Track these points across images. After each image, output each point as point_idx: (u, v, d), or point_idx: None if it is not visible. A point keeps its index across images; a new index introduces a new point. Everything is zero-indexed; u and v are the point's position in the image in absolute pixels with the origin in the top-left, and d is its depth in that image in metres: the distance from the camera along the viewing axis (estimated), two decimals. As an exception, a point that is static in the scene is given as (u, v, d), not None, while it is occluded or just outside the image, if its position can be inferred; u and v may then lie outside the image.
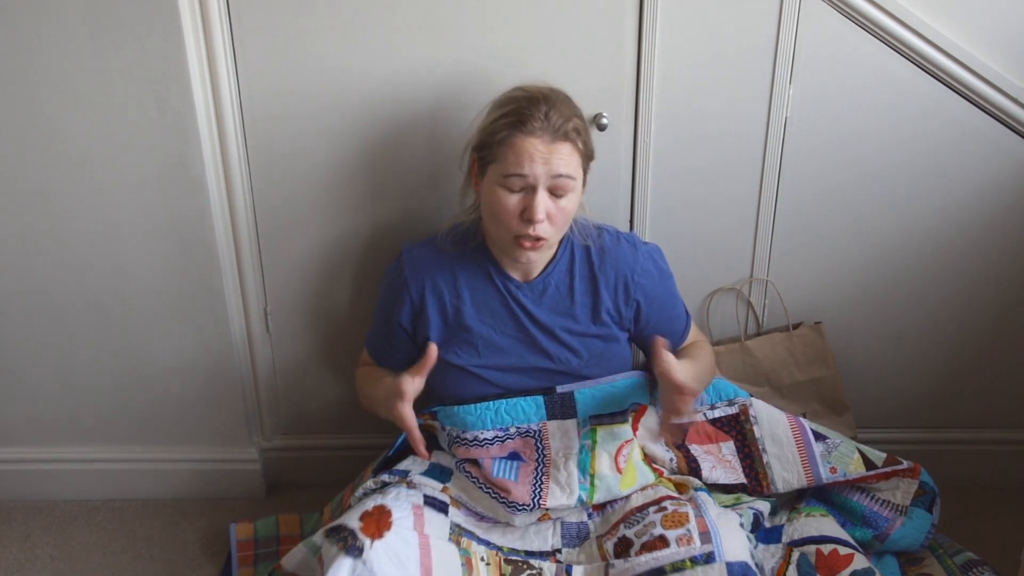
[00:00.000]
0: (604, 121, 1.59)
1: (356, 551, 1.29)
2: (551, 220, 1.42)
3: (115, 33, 1.52)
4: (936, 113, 1.62)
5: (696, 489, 1.54)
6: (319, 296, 1.78)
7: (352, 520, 1.34)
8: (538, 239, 1.43)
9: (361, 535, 1.31)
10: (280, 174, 1.67)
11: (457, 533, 1.47)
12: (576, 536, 1.53)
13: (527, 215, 1.40)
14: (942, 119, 1.63)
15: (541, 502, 1.50)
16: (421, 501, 1.46)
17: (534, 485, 1.51)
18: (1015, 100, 1.60)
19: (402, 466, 1.56)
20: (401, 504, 1.41)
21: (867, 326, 1.81)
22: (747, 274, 1.77)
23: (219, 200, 1.68)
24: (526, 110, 1.39)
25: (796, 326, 1.80)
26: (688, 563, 1.33)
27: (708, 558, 1.33)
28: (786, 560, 1.48)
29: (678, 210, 1.71)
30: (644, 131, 1.63)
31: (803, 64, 1.59)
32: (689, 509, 1.43)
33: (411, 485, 1.50)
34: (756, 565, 1.40)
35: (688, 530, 1.38)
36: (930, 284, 1.77)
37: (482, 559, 1.44)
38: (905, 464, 1.60)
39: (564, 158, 1.39)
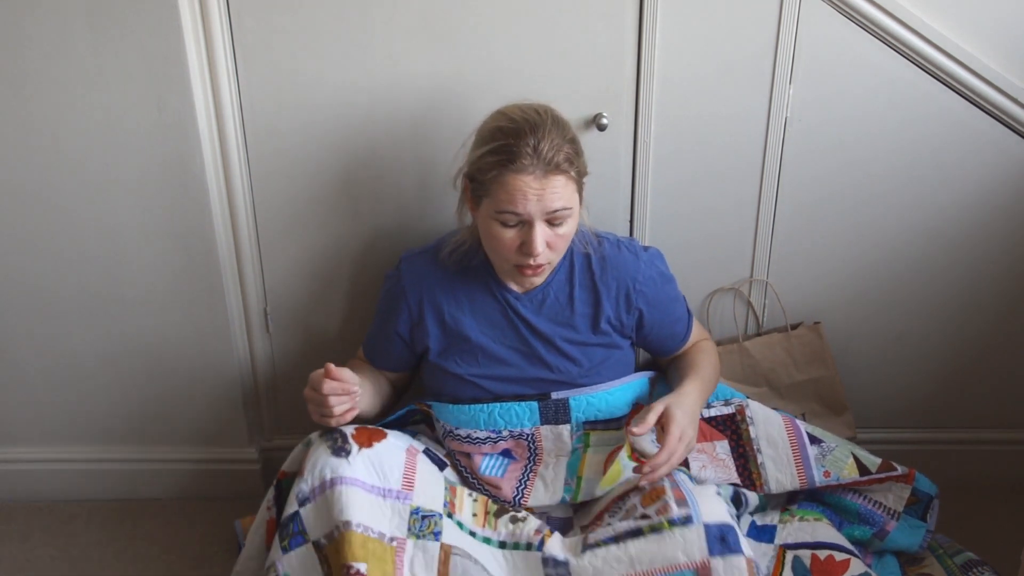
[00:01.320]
0: (604, 121, 1.59)
1: (343, 452, 1.34)
2: (550, 247, 1.41)
3: (115, 33, 1.52)
4: (936, 113, 1.62)
5: (679, 470, 1.53)
6: (319, 296, 1.78)
7: (348, 428, 1.39)
8: (539, 266, 1.42)
9: (352, 440, 1.36)
10: (280, 174, 1.67)
11: (447, 485, 1.47)
12: (560, 529, 1.53)
13: (526, 249, 1.39)
14: (942, 119, 1.63)
15: (522, 500, 1.51)
16: (421, 450, 1.48)
17: (519, 481, 1.51)
18: (1015, 100, 1.60)
19: (409, 430, 1.59)
20: (400, 435, 1.45)
21: (867, 326, 1.81)
22: (747, 274, 1.77)
23: (219, 200, 1.67)
24: (514, 146, 1.34)
25: (795, 326, 1.80)
26: (666, 524, 1.34)
27: (686, 520, 1.33)
28: (780, 561, 1.47)
29: (678, 210, 1.71)
30: (644, 131, 1.63)
31: (803, 64, 1.59)
32: (665, 483, 1.42)
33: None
34: (756, 507, 1.40)
35: (665, 500, 1.38)
36: (930, 284, 1.77)
37: (469, 494, 1.46)
38: (899, 470, 1.59)
39: (558, 191, 1.36)
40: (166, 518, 1.90)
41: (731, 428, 1.62)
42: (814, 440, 1.61)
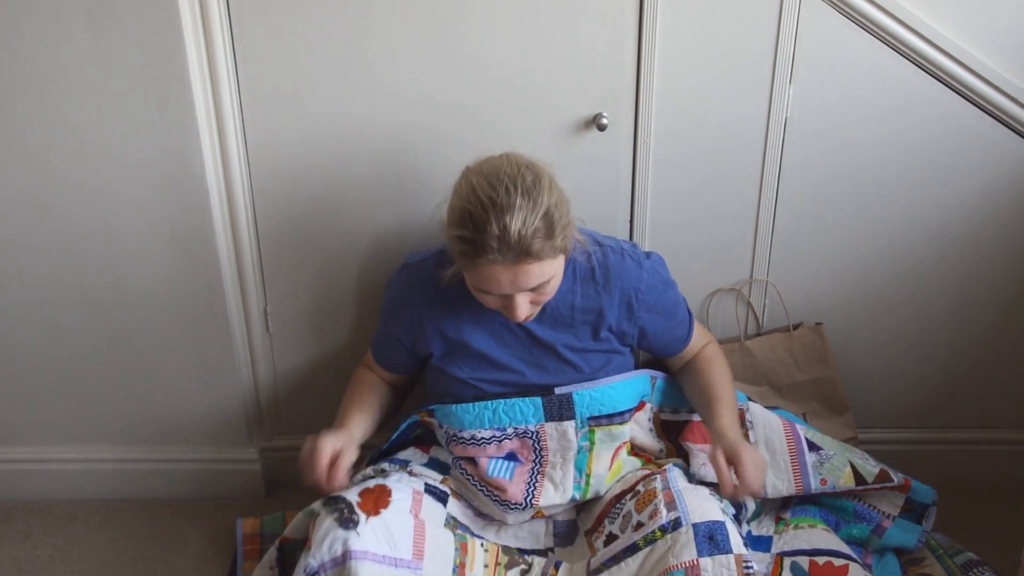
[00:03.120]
0: (604, 121, 1.59)
1: (351, 524, 1.32)
2: (535, 304, 1.41)
3: (115, 33, 1.52)
4: (936, 114, 1.62)
5: (673, 465, 1.55)
6: (319, 295, 1.78)
7: (351, 494, 1.37)
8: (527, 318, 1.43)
9: (358, 510, 1.34)
10: (281, 174, 1.67)
11: (452, 524, 1.48)
12: (567, 534, 1.54)
13: (508, 313, 1.40)
14: (942, 120, 1.63)
15: (533, 501, 1.51)
16: (422, 488, 1.48)
17: (528, 484, 1.51)
18: (1015, 100, 1.59)
19: (402, 456, 1.58)
20: (402, 487, 1.44)
21: (867, 326, 1.81)
22: (747, 275, 1.77)
23: (219, 200, 1.67)
24: (480, 240, 1.28)
25: (796, 326, 1.80)
26: (658, 532, 1.36)
27: (675, 524, 1.36)
28: (778, 567, 1.48)
29: (678, 210, 1.71)
30: (644, 131, 1.63)
31: (803, 64, 1.59)
32: (657, 483, 1.45)
33: (413, 474, 1.52)
34: (734, 519, 1.43)
35: (656, 504, 1.40)
36: (930, 284, 1.77)
37: (481, 545, 1.46)
38: (896, 480, 1.59)
39: (532, 274, 1.33)
40: (166, 518, 1.90)
41: None
42: (813, 447, 1.61)
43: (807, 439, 1.61)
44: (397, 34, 1.56)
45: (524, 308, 1.38)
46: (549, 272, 1.36)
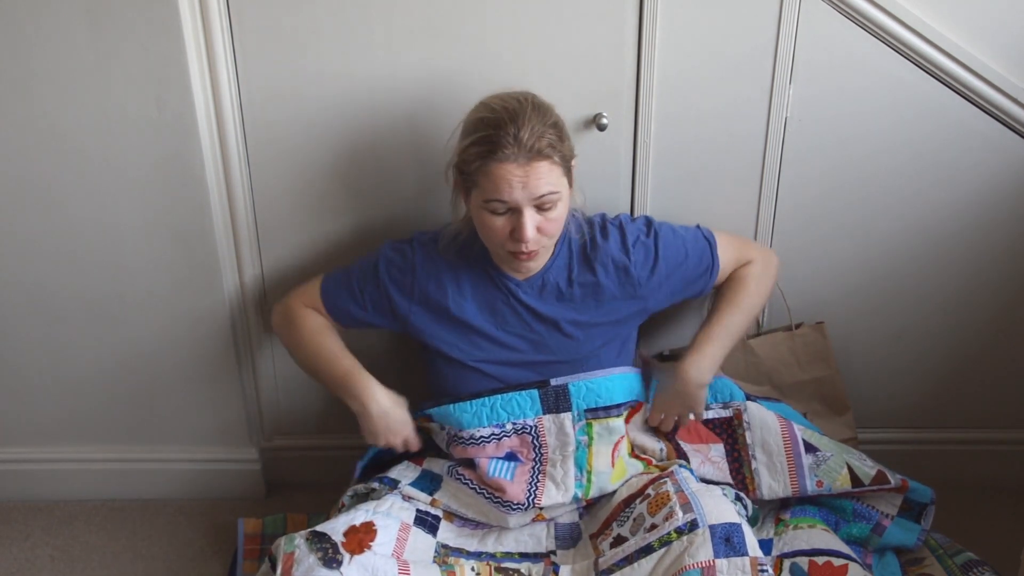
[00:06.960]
0: (604, 121, 1.59)
1: (335, 563, 1.32)
2: (542, 232, 1.41)
3: (115, 33, 1.52)
4: (936, 113, 1.62)
5: (679, 466, 1.55)
6: (319, 296, 1.78)
7: (337, 533, 1.37)
8: (532, 252, 1.43)
9: (342, 550, 1.34)
10: (280, 173, 1.67)
11: (443, 555, 1.47)
12: (569, 537, 1.54)
13: (516, 235, 1.39)
14: (942, 119, 1.63)
15: (536, 501, 1.50)
16: (412, 519, 1.47)
17: (530, 483, 1.51)
18: (1015, 100, 1.59)
19: (393, 474, 1.57)
20: (391, 523, 1.43)
21: (867, 326, 1.81)
22: (747, 274, 1.77)
23: (219, 199, 1.67)
24: (495, 136, 1.35)
25: (798, 325, 1.80)
26: (673, 534, 1.36)
27: (692, 525, 1.36)
28: (778, 570, 1.48)
29: (678, 210, 1.70)
30: (644, 131, 1.63)
31: (803, 64, 1.59)
32: (669, 487, 1.45)
33: (405, 497, 1.51)
34: (748, 519, 1.44)
35: (671, 507, 1.40)
36: (930, 284, 1.77)
37: (472, 569, 1.45)
38: (893, 482, 1.60)
39: (543, 177, 1.36)
40: (166, 518, 1.90)
41: (727, 432, 1.63)
42: (810, 448, 1.61)
43: (804, 440, 1.61)
44: (397, 35, 1.56)
45: (531, 227, 1.38)
46: (556, 183, 1.38)
